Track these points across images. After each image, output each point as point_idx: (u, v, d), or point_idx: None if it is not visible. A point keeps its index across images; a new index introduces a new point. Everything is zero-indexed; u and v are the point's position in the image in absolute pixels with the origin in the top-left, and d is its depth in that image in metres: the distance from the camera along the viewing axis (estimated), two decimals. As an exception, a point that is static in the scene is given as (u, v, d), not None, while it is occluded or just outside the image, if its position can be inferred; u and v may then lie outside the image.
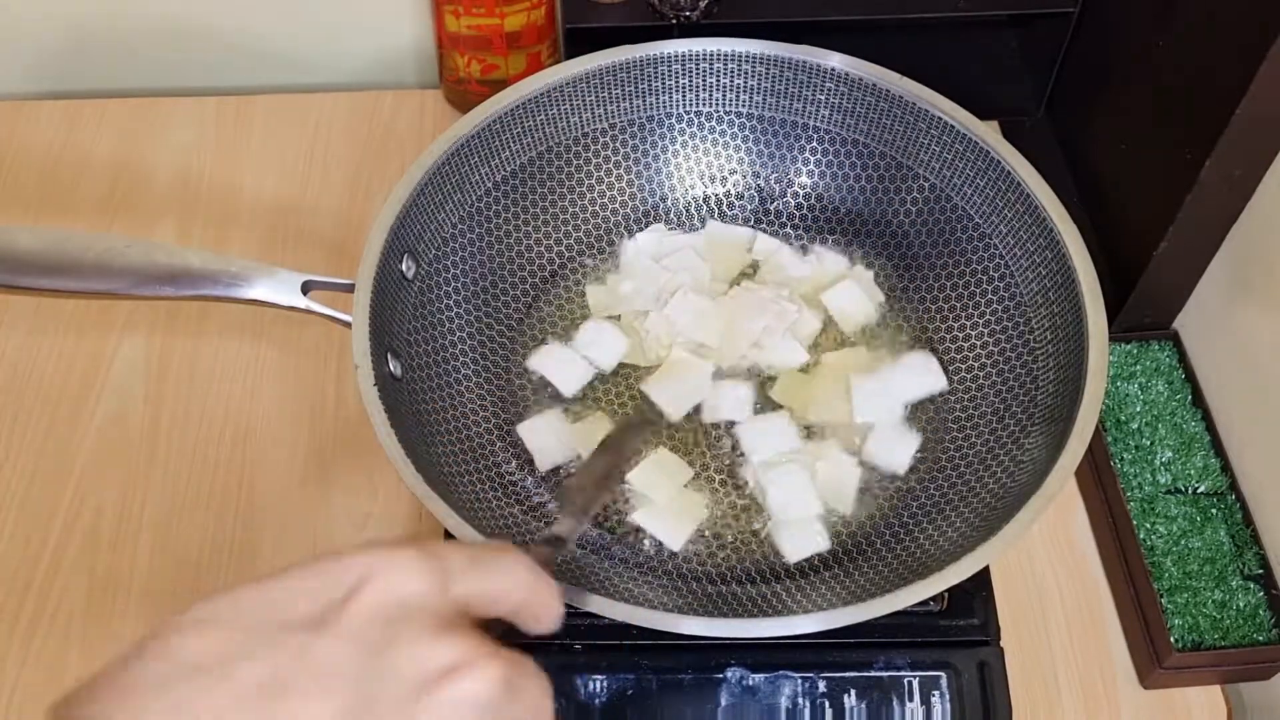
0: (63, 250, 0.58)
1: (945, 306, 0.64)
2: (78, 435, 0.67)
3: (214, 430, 0.67)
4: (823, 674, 0.53)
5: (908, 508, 0.58)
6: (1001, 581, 0.57)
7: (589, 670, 0.53)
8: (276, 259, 0.68)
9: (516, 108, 0.63)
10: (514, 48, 0.78)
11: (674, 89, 0.67)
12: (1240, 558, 0.60)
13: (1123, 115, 0.70)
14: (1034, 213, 0.59)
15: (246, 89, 0.86)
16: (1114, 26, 0.71)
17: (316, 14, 0.85)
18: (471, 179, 0.63)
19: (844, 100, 0.65)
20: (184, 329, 0.71)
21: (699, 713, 0.52)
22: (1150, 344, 0.67)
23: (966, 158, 0.62)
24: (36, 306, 0.72)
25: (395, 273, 0.58)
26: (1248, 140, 0.56)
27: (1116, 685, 0.59)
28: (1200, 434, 0.64)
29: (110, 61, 0.87)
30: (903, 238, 0.66)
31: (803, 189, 0.68)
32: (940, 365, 0.62)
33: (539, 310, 0.65)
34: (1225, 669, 0.58)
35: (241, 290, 0.58)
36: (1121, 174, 0.69)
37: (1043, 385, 0.57)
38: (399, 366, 0.57)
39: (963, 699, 0.52)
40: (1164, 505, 0.61)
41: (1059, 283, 0.58)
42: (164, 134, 0.82)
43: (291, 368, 0.70)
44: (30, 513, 0.64)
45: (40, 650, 0.59)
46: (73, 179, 0.80)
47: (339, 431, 0.67)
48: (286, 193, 0.79)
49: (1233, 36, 0.56)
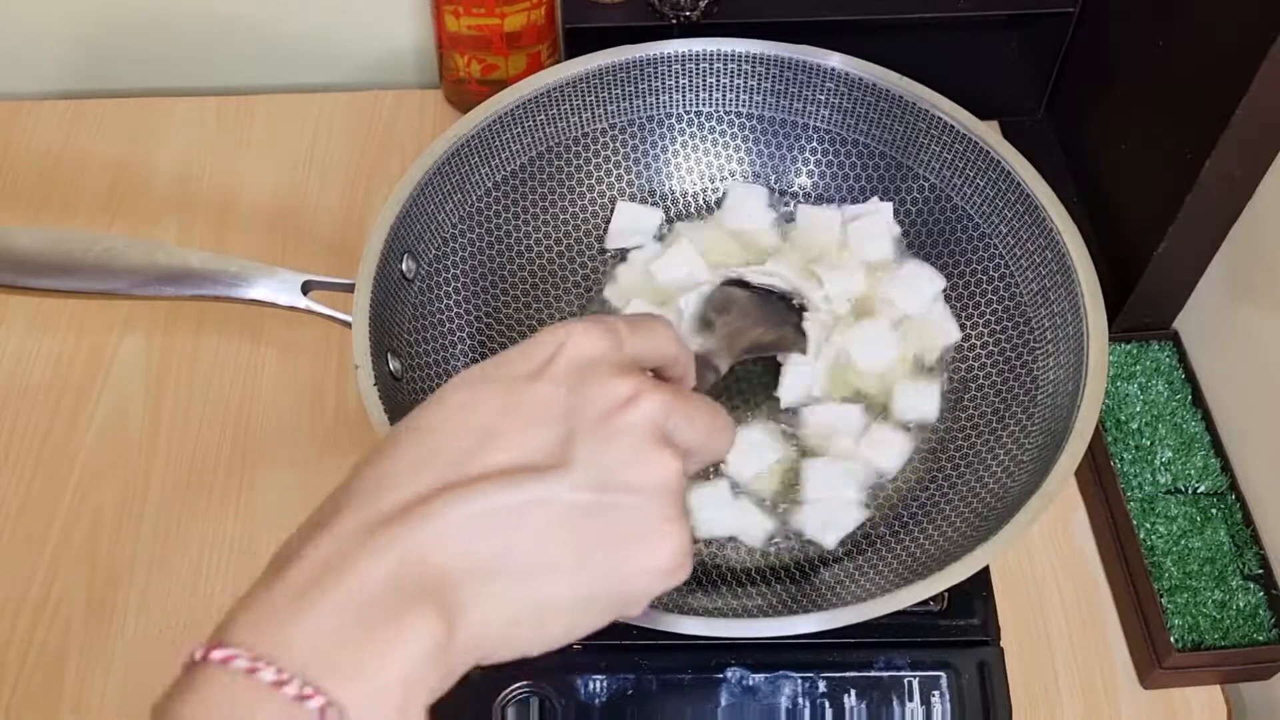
0: (63, 250, 0.58)
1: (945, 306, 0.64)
2: (78, 435, 0.67)
3: (214, 430, 0.67)
4: (823, 674, 0.53)
5: (908, 508, 0.58)
6: (1001, 581, 0.57)
7: (589, 670, 0.53)
8: (276, 259, 0.68)
9: (516, 108, 0.63)
10: (514, 48, 0.78)
11: (674, 89, 0.67)
12: (1240, 558, 0.60)
13: (1123, 115, 0.70)
14: (1034, 213, 0.59)
15: (246, 89, 0.86)
16: (1114, 26, 0.71)
17: (316, 14, 0.85)
18: (471, 179, 0.63)
19: (844, 100, 0.65)
20: (184, 329, 0.71)
21: (699, 713, 0.52)
22: (1150, 344, 0.67)
23: (966, 158, 0.62)
24: (36, 306, 0.72)
25: (395, 273, 0.58)
26: (1248, 140, 0.56)
27: (1116, 685, 0.59)
28: (1200, 434, 0.64)
29: (110, 61, 0.87)
30: (903, 238, 0.66)
31: (803, 189, 0.68)
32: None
33: (539, 310, 0.65)
34: (1225, 669, 0.57)
35: (241, 290, 0.58)
36: (1121, 174, 0.69)
37: (1043, 385, 0.57)
38: (399, 366, 0.57)
39: (963, 699, 0.52)
40: (1164, 505, 0.61)
41: (1059, 283, 0.58)
42: (164, 134, 0.82)
43: (291, 368, 0.70)
44: (30, 513, 0.64)
45: (40, 650, 0.59)
46: (73, 179, 0.80)
47: (339, 431, 0.67)
48: (286, 193, 0.79)
49: (1233, 36, 0.56)
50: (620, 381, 0.37)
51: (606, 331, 0.38)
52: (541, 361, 0.37)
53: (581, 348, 0.37)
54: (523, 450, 0.35)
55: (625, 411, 0.36)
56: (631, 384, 0.37)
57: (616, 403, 0.36)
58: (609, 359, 0.38)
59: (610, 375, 0.37)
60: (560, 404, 0.36)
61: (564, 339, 0.37)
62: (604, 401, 0.36)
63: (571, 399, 0.36)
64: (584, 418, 0.36)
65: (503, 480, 0.34)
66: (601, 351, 0.38)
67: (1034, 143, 0.74)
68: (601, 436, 0.36)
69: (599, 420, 0.36)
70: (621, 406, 0.36)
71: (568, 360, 0.37)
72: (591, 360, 0.37)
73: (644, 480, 0.36)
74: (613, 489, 0.35)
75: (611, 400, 0.36)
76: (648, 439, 0.36)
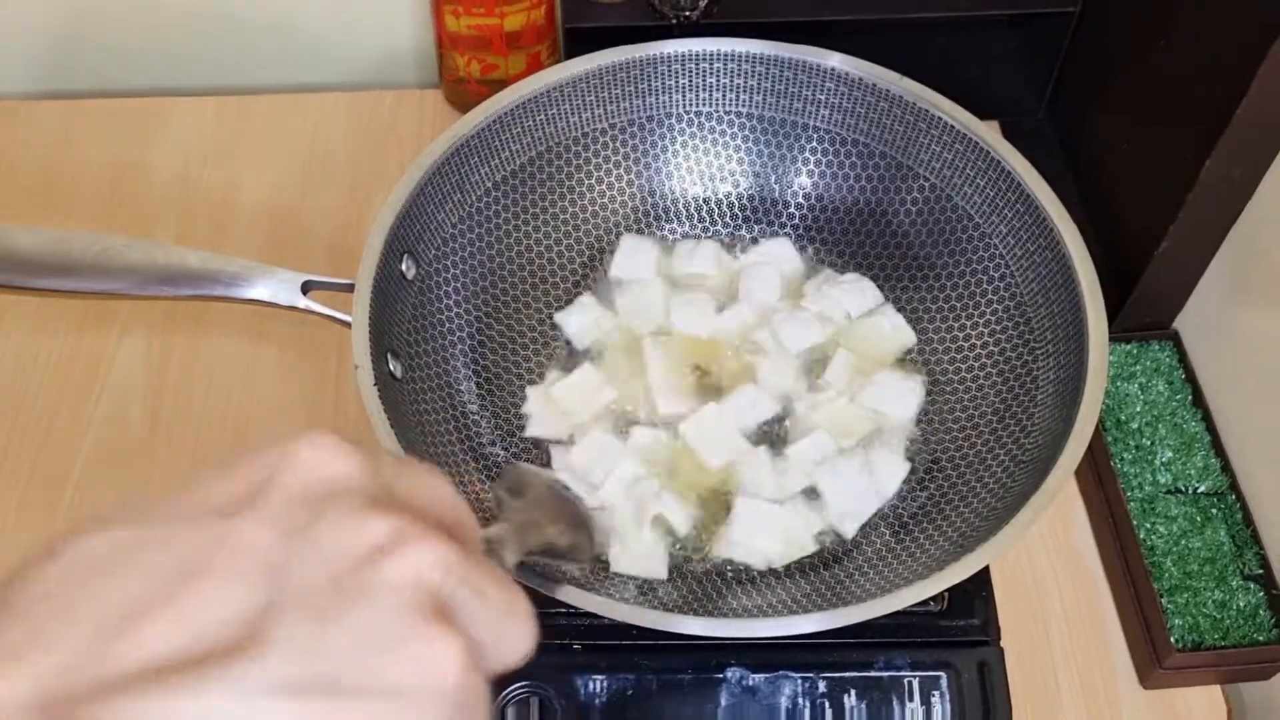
0: (63, 250, 0.58)
1: (945, 306, 0.64)
2: (78, 435, 0.67)
3: (214, 430, 0.67)
4: (823, 674, 0.53)
5: (908, 508, 0.58)
6: (1001, 581, 0.57)
7: (589, 670, 0.53)
8: (276, 259, 0.68)
9: (516, 108, 0.63)
10: (514, 48, 0.78)
11: (674, 89, 0.67)
12: (1240, 558, 0.60)
13: (1123, 115, 0.70)
14: (1034, 213, 0.59)
15: (246, 89, 0.86)
16: (1114, 26, 0.71)
17: (316, 14, 0.85)
18: (471, 179, 0.63)
19: (844, 100, 0.65)
20: (184, 329, 0.71)
21: (699, 713, 0.52)
22: (1150, 344, 0.67)
23: (966, 158, 0.62)
24: (36, 306, 0.72)
25: (395, 273, 0.58)
26: (1248, 140, 0.56)
27: (1116, 685, 0.59)
28: (1200, 434, 0.64)
29: (110, 61, 0.87)
30: (903, 238, 0.66)
31: (803, 189, 0.68)
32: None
33: (539, 310, 0.65)
34: (1225, 669, 0.57)
35: (241, 290, 0.58)
36: (1121, 174, 0.69)
37: (1043, 385, 0.57)
38: (399, 366, 0.57)
39: (963, 699, 0.52)
40: (1164, 505, 0.61)
41: (1059, 283, 0.58)
42: (164, 134, 0.82)
43: (291, 368, 0.70)
44: (30, 513, 0.64)
45: (40, 650, 0.59)
46: (73, 179, 0.80)
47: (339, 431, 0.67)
48: (286, 193, 0.79)
49: (1233, 36, 0.56)
50: (374, 520, 0.25)
51: (355, 449, 0.27)
52: (249, 487, 0.26)
53: (316, 468, 0.26)
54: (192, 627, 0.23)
55: (380, 564, 0.25)
56: (391, 524, 0.25)
57: (365, 550, 0.25)
58: (354, 486, 0.26)
59: (358, 510, 0.25)
60: (269, 551, 0.24)
61: (288, 453, 0.26)
62: (344, 547, 0.25)
63: (289, 543, 0.25)
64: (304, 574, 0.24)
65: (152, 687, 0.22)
66: (345, 475, 0.26)
67: (1034, 143, 0.74)
68: (332, 605, 0.24)
69: (330, 579, 0.24)
70: (374, 556, 0.25)
71: (292, 483, 0.26)
72: (329, 485, 0.26)
73: (404, 675, 0.24)
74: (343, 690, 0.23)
75: (357, 545, 0.25)
76: (412, 609, 0.24)
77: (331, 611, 0.24)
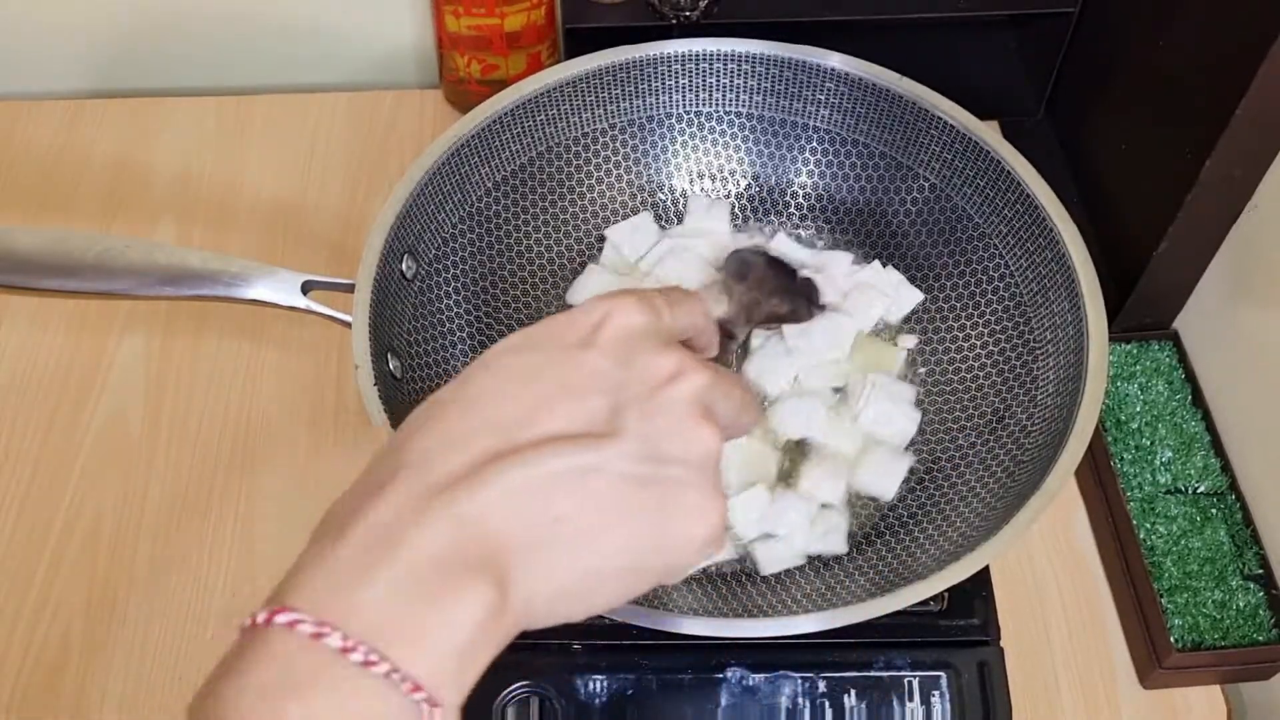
0: (63, 250, 0.58)
1: (945, 306, 0.64)
2: (78, 435, 0.67)
3: (214, 430, 0.67)
4: (823, 674, 0.53)
5: (908, 508, 0.58)
6: (1001, 581, 0.57)
7: (589, 670, 0.53)
8: (276, 259, 0.68)
9: (516, 108, 0.63)
10: (514, 48, 0.78)
11: (674, 89, 0.67)
12: (1240, 558, 0.60)
13: (1123, 115, 0.70)
14: (1034, 213, 0.59)
15: (246, 89, 0.86)
16: (1114, 26, 0.71)
17: (317, 14, 0.85)
18: (471, 179, 0.63)
19: (844, 100, 0.65)
20: (184, 329, 0.71)
21: (699, 713, 0.52)
22: (1150, 344, 0.67)
23: (966, 158, 0.62)
24: (36, 306, 0.72)
25: (395, 273, 0.58)
26: (1248, 140, 0.56)
27: (1116, 685, 0.59)
28: (1200, 434, 0.64)
29: (110, 62, 0.87)
30: (903, 237, 0.66)
31: (803, 189, 0.68)
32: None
33: (539, 311, 0.65)
34: (1225, 669, 0.57)
35: (241, 290, 0.58)
36: (1121, 174, 0.69)
37: (1043, 385, 0.57)
38: (399, 366, 0.57)
39: (963, 699, 0.52)
40: (1164, 505, 0.61)
41: (1059, 283, 0.58)
42: (164, 134, 0.82)
43: (291, 368, 0.70)
44: (30, 513, 0.64)
45: (40, 650, 0.59)
46: (73, 179, 0.80)
47: (339, 431, 0.67)
48: (286, 193, 0.79)
49: (1233, 36, 0.56)
50: (665, 356, 0.38)
51: (648, 305, 0.39)
52: (588, 331, 0.38)
53: (626, 320, 0.38)
54: (574, 419, 0.36)
55: (672, 386, 0.37)
56: (675, 359, 0.38)
57: (662, 377, 0.37)
58: (651, 332, 0.39)
59: (655, 349, 0.38)
60: (609, 375, 0.37)
61: (608, 310, 0.38)
62: (650, 375, 0.37)
63: (619, 371, 0.37)
64: (632, 390, 0.37)
65: (554, 448, 0.34)
66: (643, 325, 0.39)
67: (1034, 143, 0.74)
68: (649, 409, 0.36)
69: (646, 393, 0.37)
70: (667, 381, 0.37)
71: (614, 332, 0.38)
72: (635, 333, 0.38)
73: (689, 453, 0.37)
74: (660, 460, 0.36)
75: (657, 374, 0.37)
76: (692, 413, 0.37)
77: (650, 413, 0.36)
